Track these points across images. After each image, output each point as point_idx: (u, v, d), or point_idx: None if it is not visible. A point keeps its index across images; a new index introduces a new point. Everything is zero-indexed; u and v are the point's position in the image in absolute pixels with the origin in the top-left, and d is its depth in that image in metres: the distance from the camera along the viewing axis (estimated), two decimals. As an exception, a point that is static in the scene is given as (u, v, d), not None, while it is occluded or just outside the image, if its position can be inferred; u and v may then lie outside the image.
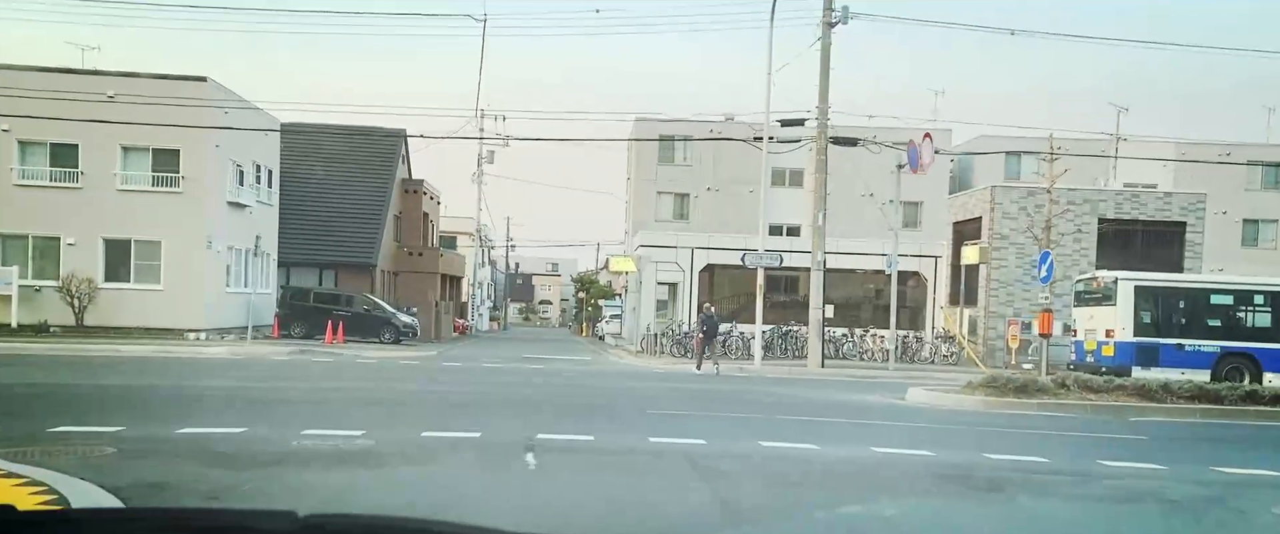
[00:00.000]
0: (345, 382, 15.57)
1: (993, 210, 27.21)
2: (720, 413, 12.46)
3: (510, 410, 11.84)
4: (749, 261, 24.05)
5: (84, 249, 25.70)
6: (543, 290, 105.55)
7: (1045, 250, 15.62)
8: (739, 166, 41.56)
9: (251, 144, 29.57)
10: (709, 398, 14.51)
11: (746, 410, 12.76)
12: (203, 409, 11.16)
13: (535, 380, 17.62)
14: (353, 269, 37.22)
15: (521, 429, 9.52)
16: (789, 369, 23.50)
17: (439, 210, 50.34)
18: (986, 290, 27.35)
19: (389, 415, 11.05)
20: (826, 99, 23.21)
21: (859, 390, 17.45)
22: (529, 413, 11.47)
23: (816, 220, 23.30)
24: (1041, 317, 15.07)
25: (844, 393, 16.62)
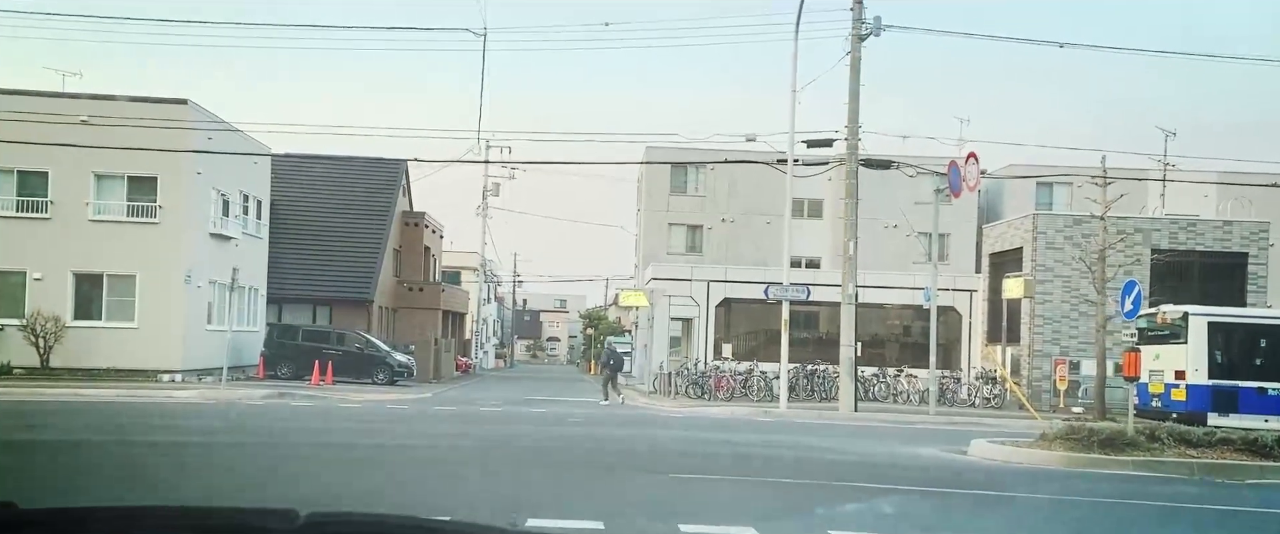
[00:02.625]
0: (307, 435, 13.48)
1: (1035, 240, 25.10)
2: (762, 476, 10.30)
3: (498, 471, 9.71)
4: (773, 294, 21.97)
5: (52, 284, 23.77)
6: (550, 327, 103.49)
7: (1130, 280, 13.51)
8: (755, 197, 39.58)
9: (238, 172, 27.74)
10: (742, 454, 12.35)
11: (792, 473, 10.58)
12: (55, 470, 9.08)
13: (535, 428, 15.47)
14: (348, 305, 35.26)
15: (504, 506, 7.37)
16: (819, 413, 21.30)
17: (441, 244, 48.48)
18: (1030, 326, 25.15)
19: (335, 482, 8.88)
20: (857, 118, 21.27)
21: (909, 441, 15.24)
22: (521, 476, 9.34)
23: (848, 250, 21.25)
24: (1128, 357, 12.90)
25: (893, 444, 14.43)
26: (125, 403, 18.45)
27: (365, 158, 38.25)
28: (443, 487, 8.43)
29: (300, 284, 34.63)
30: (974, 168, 19.34)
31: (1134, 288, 13.35)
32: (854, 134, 21.22)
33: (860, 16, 20.82)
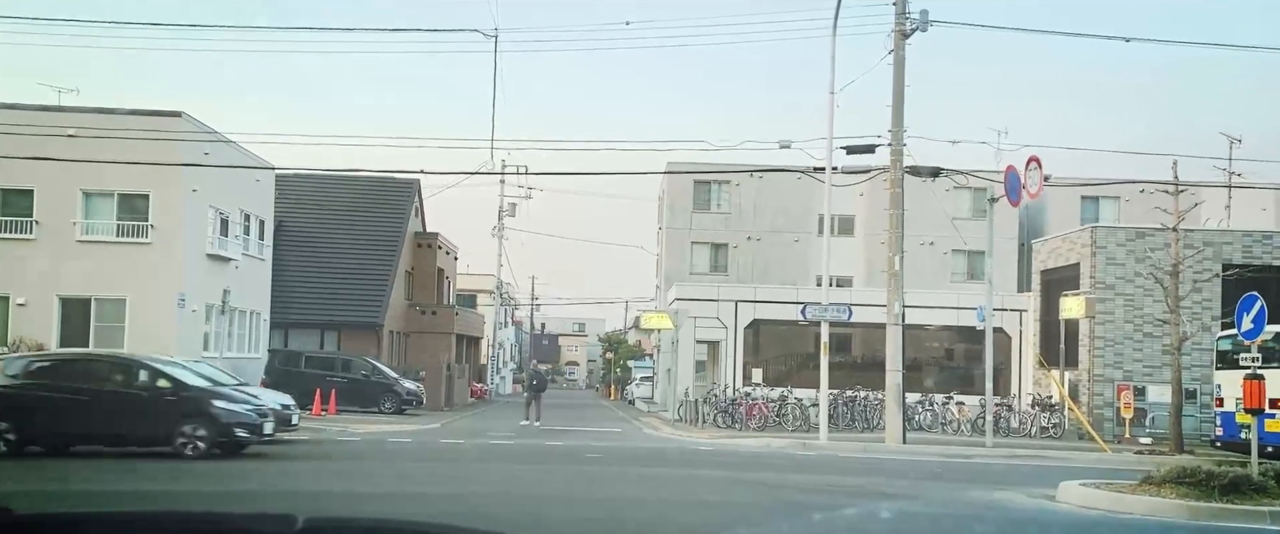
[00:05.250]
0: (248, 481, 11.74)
1: (1094, 255, 23.11)
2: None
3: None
4: (811, 315, 20.11)
5: (37, 309, 22.26)
6: (569, 351, 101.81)
7: (1250, 293, 11.54)
8: (782, 213, 37.77)
9: (238, 189, 26.24)
10: (801, 505, 10.46)
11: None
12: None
13: (547, 468, 13.63)
14: (357, 330, 33.65)
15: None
16: (864, 446, 19.34)
17: (456, 266, 46.90)
18: (1090, 349, 23.11)
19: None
20: (902, 121, 19.46)
21: (979, 482, 13.30)
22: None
23: (893, 265, 19.36)
24: (1249, 386, 10.95)
25: (965, 487, 12.51)
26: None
27: (375, 176, 36.78)
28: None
29: (306, 308, 33.07)
30: (1036, 173, 17.45)
31: (1254, 303, 11.38)
32: (898, 139, 19.40)
33: (903, 10, 19.08)
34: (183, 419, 13.30)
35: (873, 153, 19.51)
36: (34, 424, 13.31)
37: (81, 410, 13.29)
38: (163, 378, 13.90)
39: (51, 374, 14.03)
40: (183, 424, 13.26)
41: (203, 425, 13.30)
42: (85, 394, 13.47)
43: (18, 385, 13.60)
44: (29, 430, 13.34)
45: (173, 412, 13.32)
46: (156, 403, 13.45)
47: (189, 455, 13.12)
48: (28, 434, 13.34)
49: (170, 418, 13.29)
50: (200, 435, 13.22)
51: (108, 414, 13.35)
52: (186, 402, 13.48)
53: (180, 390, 13.71)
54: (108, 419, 13.36)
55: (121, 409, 13.41)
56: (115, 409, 13.40)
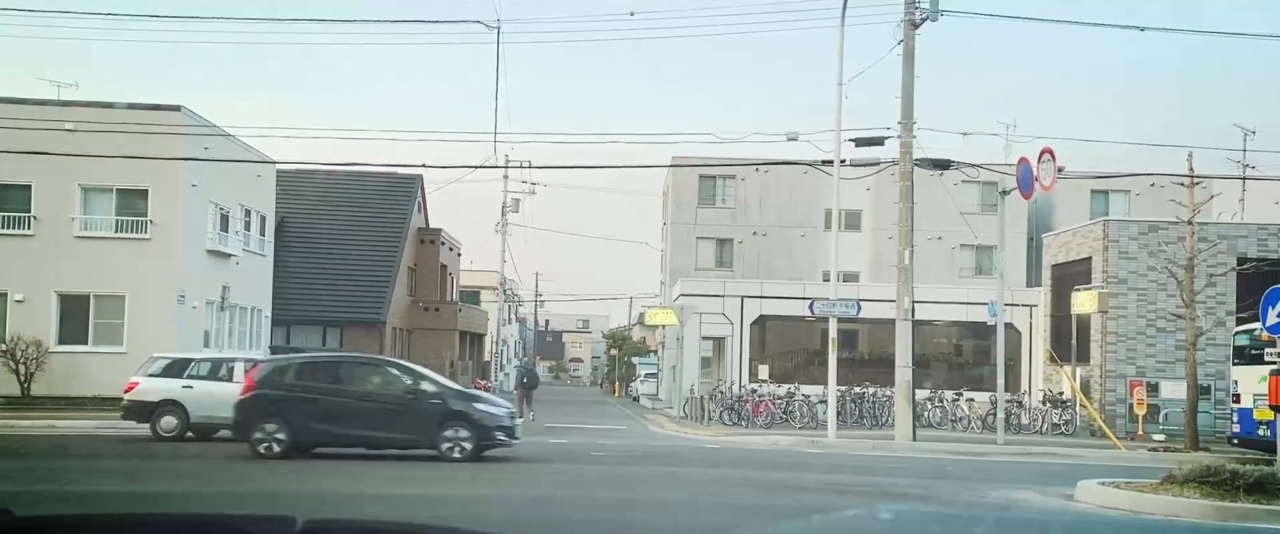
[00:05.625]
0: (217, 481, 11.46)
1: (1106, 249, 22.75)
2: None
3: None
4: (819, 310, 19.78)
5: (35, 306, 22.04)
6: (573, 348, 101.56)
7: (1276, 287, 11.21)
8: (788, 208, 37.44)
9: (238, 184, 25.98)
10: (813, 505, 10.16)
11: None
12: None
13: (550, 471, 13.34)
14: (360, 327, 33.46)
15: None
16: (873, 443, 19.02)
17: (459, 262, 46.67)
18: (1102, 344, 22.75)
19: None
20: (911, 113, 19.11)
21: (993, 480, 12.97)
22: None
23: (902, 259, 19.01)
24: (1275, 381, 10.61)
25: (980, 485, 12.19)
26: (90, 436, 16.55)
27: (378, 172, 36.53)
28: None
29: (309, 305, 32.87)
30: (1049, 165, 17.10)
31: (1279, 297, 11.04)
32: (908, 131, 19.05)
33: (913, 0, 18.72)
34: (447, 423, 13.16)
35: (882, 145, 19.18)
36: (304, 426, 13.23)
37: (349, 413, 13.24)
38: (425, 381, 13.97)
39: (317, 376, 14.02)
40: (446, 428, 13.12)
41: (466, 428, 13.16)
42: (352, 396, 13.49)
43: (287, 387, 13.56)
44: (299, 432, 13.23)
45: (437, 415, 13.22)
46: (422, 407, 13.33)
47: (456, 458, 12.98)
48: (297, 436, 13.21)
49: (435, 422, 13.17)
50: (464, 438, 13.05)
51: (375, 417, 13.27)
52: (450, 405, 13.42)
53: (444, 394, 13.74)
54: (375, 422, 13.25)
55: (388, 412, 13.32)
56: (382, 412, 13.33)
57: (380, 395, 13.56)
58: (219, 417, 15.40)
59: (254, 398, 13.45)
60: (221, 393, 15.41)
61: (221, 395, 15.34)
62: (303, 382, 13.67)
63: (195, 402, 15.62)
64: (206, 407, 15.52)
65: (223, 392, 15.43)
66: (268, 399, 13.37)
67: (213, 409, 15.37)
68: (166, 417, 15.60)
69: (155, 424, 15.59)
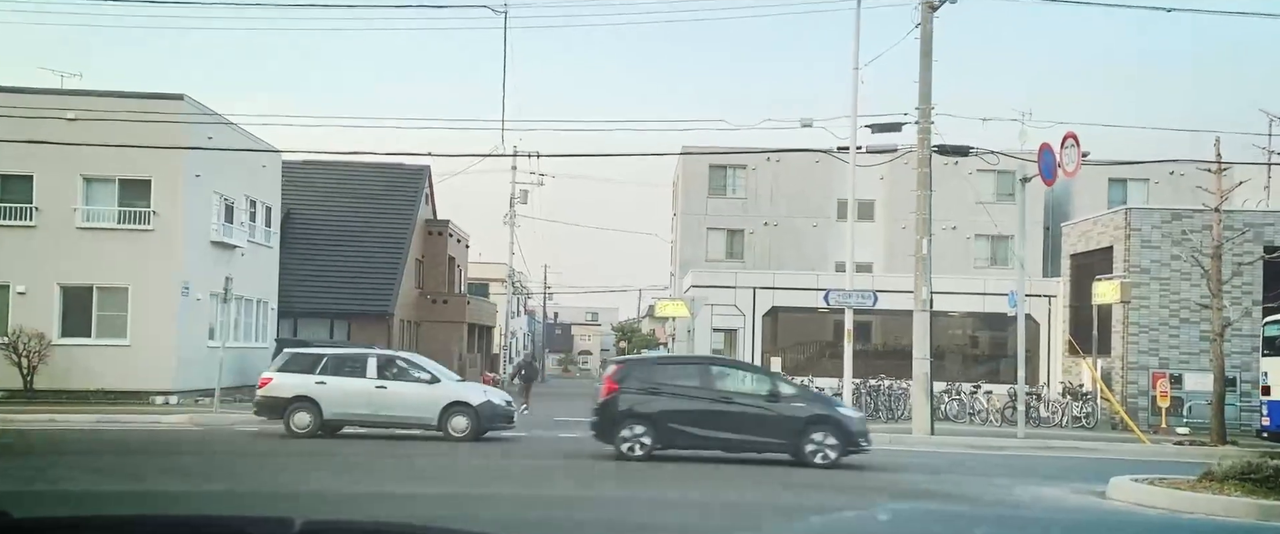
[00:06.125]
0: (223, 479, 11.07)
1: (1128, 237, 22.20)
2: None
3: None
4: (834, 301, 19.31)
5: (37, 298, 21.72)
6: (582, 340, 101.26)
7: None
8: (799, 198, 36.91)
9: (243, 175, 25.63)
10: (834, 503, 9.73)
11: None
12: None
13: (563, 469, 12.93)
14: (367, 319, 33.09)
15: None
16: (891, 436, 18.54)
17: (467, 254, 46.28)
18: (1124, 335, 22.22)
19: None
20: (929, 98, 18.60)
21: (1019, 476, 12.52)
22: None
23: (920, 248, 18.53)
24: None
25: (1005, 481, 11.75)
26: (85, 430, 16.21)
27: (385, 164, 36.15)
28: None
29: (316, 296, 32.53)
30: (1073, 150, 16.58)
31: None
32: (926, 116, 18.55)
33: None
34: (811, 427, 12.95)
35: (899, 131, 18.71)
36: (668, 428, 13.03)
37: (712, 416, 13.05)
38: (783, 383, 14.04)
39: (679, 377, 13.74)
40: (811, 432, 12.90)
41: (832, 434, 12.91)
42: (715, 399, 13.21)
43: (650, 388, 13.30)
44: (663, 434, 13.04)
45: (800, 420, 13.03)
46: (784, 410, 13.15)
47: (819, 464, 12.70)
48: (661, 438, 13.03)
49: (798, 426, 12.96)
50: (830, 444, 12.80)
51: (738, 421, 13.07)
52: (813, 409, 13.28)
53: (805, 398, 13.70)
54: (738, 425, 13.04)
55: (751, 416, 13.11)
56: (745, 416, 13.10)
57: (742, 398, 13.28)
58: (350, 412, 15.43)
59: (618, 399, 13.24)
60: (354, 389, 15.32)
61: (354, 391, 15.29)
62: (666, 383, 13.40)
63: (328, 398, 15.31)
64: (339, 403, 15.33)
65: (355, 388, 15.34)
66: (632, 401, 13.17)
67: (345, 405, 15.30)
68: (300, 413, 15.27)
69: (288, 420, 15.27)
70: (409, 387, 15.47)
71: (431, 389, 15.46)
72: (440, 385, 15.62)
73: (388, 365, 15.93)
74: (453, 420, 15.16)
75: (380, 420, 15.52)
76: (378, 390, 15.41)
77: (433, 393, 15.40)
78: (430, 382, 15.58)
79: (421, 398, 15.33)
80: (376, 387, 15.43)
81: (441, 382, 15.76)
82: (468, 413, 15.19)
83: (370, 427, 15.66)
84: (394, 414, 15.44)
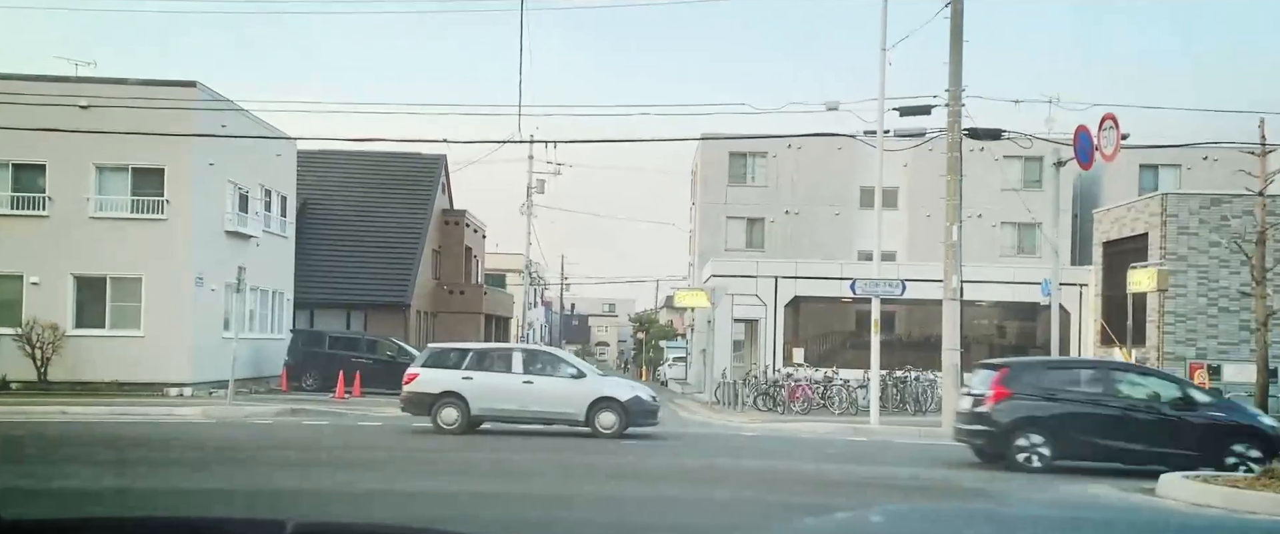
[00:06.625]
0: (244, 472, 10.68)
1: (1165, 224, 21.51)
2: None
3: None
4: (861, 290, 18.77)
5: (51, 289, 21.46)
6: (599, 331, 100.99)
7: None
8: (821, 186, 36.29)
9: (258, 164, 25.29)
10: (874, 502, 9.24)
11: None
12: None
13: (582, 462, 12.49)
14: (384, 310, 32.78)
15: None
16: (919, 430, 18.04)
17: (484, 244, 45.94)
18: (1159, 325, 21.55)
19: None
20: (960, 79, 17.99)
21: (1063, 473, 11.96)
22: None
23: (950, 235, 17.95)
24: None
25: (1049, 479, 11.20)
26: (95, 423, 15.90)
27: (401, 153, 35.81)
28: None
29: (332, 287, 32.24)
30: (1112, 133, 15.94)
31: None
32: (956, 99, 17.93)
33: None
34: (1232, 439, 12.10)
35: (928, 114, 18.09)
36: (1068, 438, 12.28)
37: (1114, 425, 12.25)
38: (1193, 390, 13.35)
39: (1078, 382, 13.05)
40: (1233, 444, 12.04)
41: (1255, 446, 11.99)
42: (1117, 406, 12.36)
43: (1046, 394, 12.52)
44: (1063, 444, 12.22)
45: (1219, 430, 12.20)
46: (1197, 419, 12.32)
47: None
48: (1061, 448, 12.25)
49: (1217, 437, 12.10)
50: (1254, 456, 11.76)
51: (1144, 430, 12.24)
52: (1235, 419, 12.51)
53: (1225, 406, 12.91)
54: (1144, 436, 12.19)
55: (1158, 425, 12.32)
56: (1152, 425, 12.30)
57: (1149, 405, 12.39)
58: (497, 408, 15.01)
59: (1013, 406, 12.41)
60: (500, 384, 15.04)
61: (500, 387, 15.01)
62: (1062, 388, 12.62)
63: (475, 393, 15.00)
64: (486, 398, 15.04)
65: (501, 383, 15.07)
66: (1029, 408, 12.38)
67: (492, 401, 15.03)
68: (447, 409, 14.98)
69: (436, 416, 14.99)
70: (556, 382, 15.15)
71: (579, 384, 15.13)
72: (587, 380, 15.31)
73: (533, 360, 15.68)
74: (600, 416, 14.82)
75: (526, 416, 15.16)
76: (525, 386, 15.05)
77: (580, 388, 15.07)
78: (576, 376, 15.28)
79: (569, 393, 14.99)
80: (523, 382, 15.07)
81: (587, 376, 15.44)
82: (616, 409, 14.86)
83: (516, 422, 15.26)
84: (541, 410, 15.06)
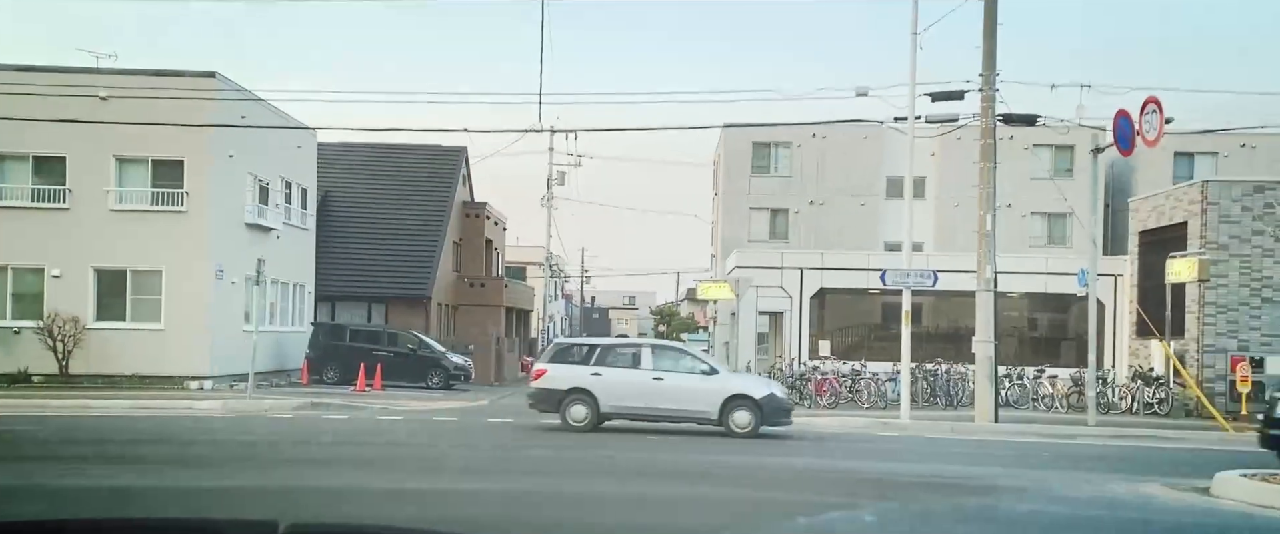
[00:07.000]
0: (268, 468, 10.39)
1: (1205, 212, 20.85)
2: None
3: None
4: (891, 281, 18.29)
5: (71, 282, 21.38)
6: (619, 325, 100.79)
7: None
8: (846, 175, 35.72)
9: (278, 156, 25.12)
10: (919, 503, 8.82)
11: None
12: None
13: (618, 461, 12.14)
14: (405, 303, 32.56)
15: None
16: (952, 425, 17.56)
17: (504, 237, 45.68)
18: (1199, 316, 20.92)
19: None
20: (994, 64, 17.47)
21: (1103, 469, 11.50)
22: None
23: (983, 224, 17.46)
24: None
25: (1099, 477, 10.74)
26: (112, 417, 15.71)
27: (422, 145, 35.63)
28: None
29: (353, 280, 32.08)
30: (1155, 117, 15.35)
31: None
32: (990, 83, 17.41)
33: (997, -61, 16.99)
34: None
35: (961, 99, 17.57)
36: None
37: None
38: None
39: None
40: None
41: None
42: None
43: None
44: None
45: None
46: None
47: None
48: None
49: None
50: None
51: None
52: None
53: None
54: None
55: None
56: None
57: None
58: (626, 405, 14.56)
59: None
60: (630, 381, 14.57)
61: (630, 383, 14.53)
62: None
63: (604, 390, 14.54)
64: (615, 395, 14.56)
65: (631, 379, 14.59)
66: None
67: (621, 398, 14.57)
68: (576, 405, 14.55)
69: (564, 413, 14.58)
70: (687, 379, 14.63)
71: (711, 381, 14.58)
72: (719, 377, 14.78)
73: (661, 355, 15.19)
74: (734, 415, 14.29)
75: (656, 414, 14.61)
76: (655, 382, 14.52)
77: (713, 385, 14.52)
78: (708, 373, 14.74)
79: (701, 390, 14.46)
80: (654, 379, 14.55)
81: (719, 373, 14.93)
82: (751, 406, 14.34)
83: (644, 420, 14.68)
84: (672, 407, 14.52)
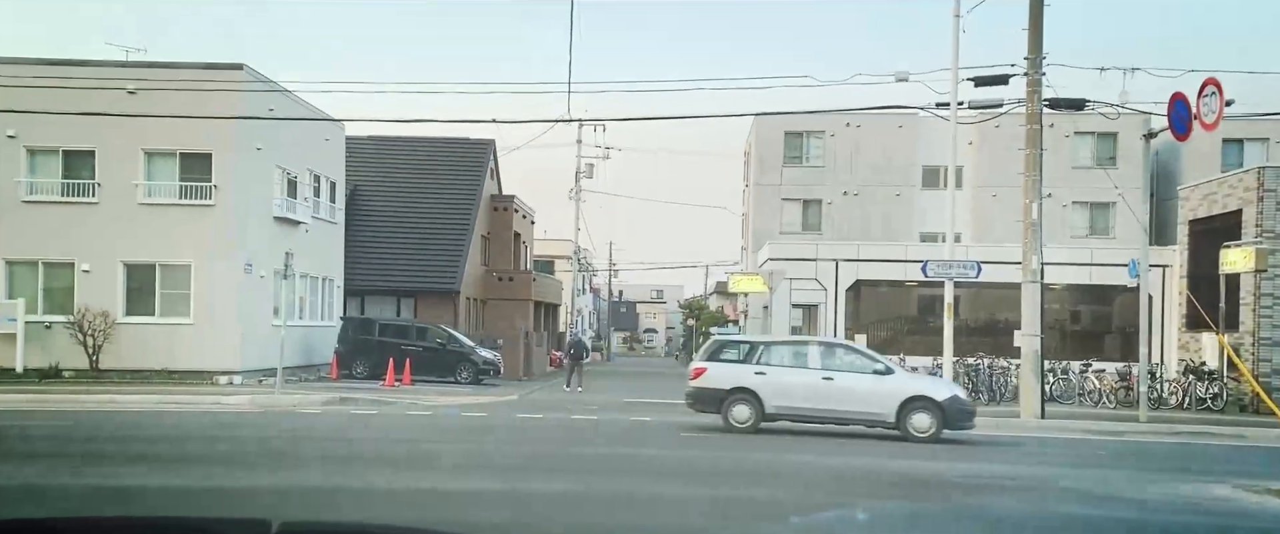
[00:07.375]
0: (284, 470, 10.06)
1: (1261, 200, 20.03)
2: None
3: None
4: (933, 272, 17.70)
5: (101, 276, 21.30)
6: (647, 318, 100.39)
7: None
8: (881, 165, 35.02)
9: (306, 149, 24.92)
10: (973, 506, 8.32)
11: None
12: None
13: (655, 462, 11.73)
14: (434, 297, 32.35)
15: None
16: (996, 421, 16.94)
17: (532, 230, 45.40)
18: (1255, 308, 20.11)
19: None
20: (1040, 46, 16.80)
21: (1167, 469, 10.91)
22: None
23: (1029, 213, 16.84)
24: None
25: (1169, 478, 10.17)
26: (139, 413, 15.53)
27: (450, 138, 35.38)
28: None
29: (382, 274, 31.92)
30: (1214, 100, 14.63)
31: None
32: (1036, 67, 16.74)
33: (1044, -84, 16.32)
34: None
35: (1006, 84, 16.96)
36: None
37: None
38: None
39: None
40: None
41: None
42: None
43: None
44: None
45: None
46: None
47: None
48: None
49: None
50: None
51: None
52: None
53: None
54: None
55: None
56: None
57: None
58: (792, 407, 13.89)
59: None
60: (797, 380, 13.91)
61: (797, 383, 13.88)
62: None
63: (769, 389, 13.89)
64: (781, 395, 13.89)
65: (798, 379, 13.93)
66: None
67: (787, 398, 13.90)
68: (739, 406, 13.90)
69: (726, 414, 13.95)
70: (859, 379, 13.83)
71: (886, 381, 13.79)
72: (895, 377, 14.00)
73: (830, 354, 14.42)
74: (913, 418, 13.49)
75: (826, 415, 13.91)
76: (824, 382, 13.80)
77: (888, 386, 13.74)
78: (883, 373, 13.93)
79: (875, 391, 13.70)
80: (823, 378, 13.83)
81: (895, 373, 14.14)
82: (932, 409, 13.52)
83: (812, 422, 14.00)
84: (843, 409, 13.81)
